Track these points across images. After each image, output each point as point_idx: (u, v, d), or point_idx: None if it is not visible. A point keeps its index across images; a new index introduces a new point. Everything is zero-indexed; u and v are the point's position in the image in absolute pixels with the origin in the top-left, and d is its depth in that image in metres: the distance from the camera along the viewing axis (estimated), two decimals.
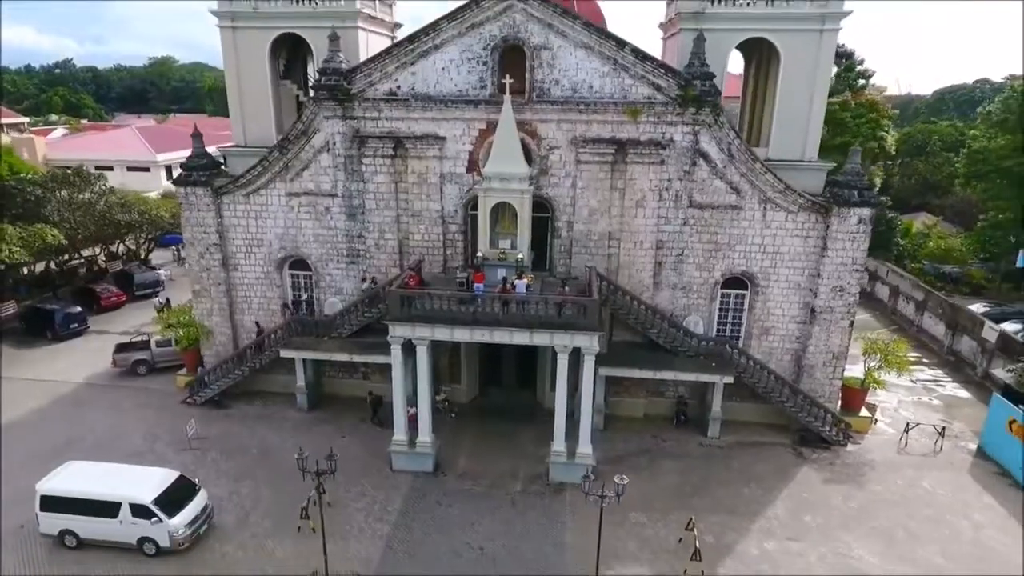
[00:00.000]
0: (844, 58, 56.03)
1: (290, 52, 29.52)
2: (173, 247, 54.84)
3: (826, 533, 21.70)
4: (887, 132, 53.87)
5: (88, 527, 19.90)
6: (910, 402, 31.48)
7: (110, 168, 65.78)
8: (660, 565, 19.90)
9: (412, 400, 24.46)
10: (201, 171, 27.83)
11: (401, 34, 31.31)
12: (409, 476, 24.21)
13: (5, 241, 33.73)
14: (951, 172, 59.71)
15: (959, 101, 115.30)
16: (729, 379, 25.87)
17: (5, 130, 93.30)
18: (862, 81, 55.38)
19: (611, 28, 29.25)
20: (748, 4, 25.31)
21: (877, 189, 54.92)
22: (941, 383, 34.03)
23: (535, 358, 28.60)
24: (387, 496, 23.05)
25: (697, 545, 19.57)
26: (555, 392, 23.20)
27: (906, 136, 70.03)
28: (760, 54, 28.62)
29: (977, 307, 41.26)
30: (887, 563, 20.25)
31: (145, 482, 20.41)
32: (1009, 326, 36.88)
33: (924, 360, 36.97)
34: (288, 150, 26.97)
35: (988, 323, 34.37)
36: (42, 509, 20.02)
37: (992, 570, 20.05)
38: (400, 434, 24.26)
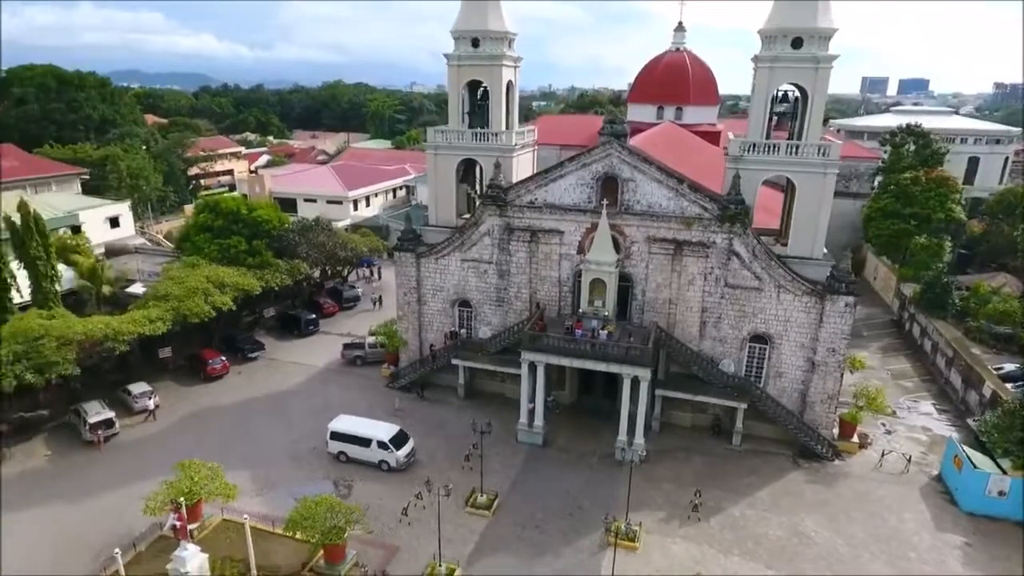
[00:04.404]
0: (920, 136, 63.79)
1: (466, 165, 44.87)
2: (362, 267, 73.05)
3: (791, 510, 33.48)
4: (955, 204, 60.98)
5: (353, 451, 36.29)
6: (904, 437, 41.35)
7: (314, 200, 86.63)
8: (672, 512, 32.88)
9: (531, 398, 38.77)
10: (409, 242, 44.00)
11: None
12: (526, 446, 38.71)
13: (278, 271, 52.25)
14: None
15: None
16: (744, 405, 37.97)
17: (228, 159, 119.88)
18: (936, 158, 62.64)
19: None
20: (774, 152, 37.15)
21: (947, 254, 61.96)
22: (940, 424, 43.23)
23: (616, 378, 41.88)
24: (513, 455, 37.72)
25: (698, 503, 32.20)
26: (623, 402, 36.71)
27: (1000, 197, 74.67)
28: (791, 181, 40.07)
29: (1007, 367, 48.85)
30: (821, 529, 31.87)
31: (383, 429, 36.54)
32: None
33: (938, 406, 45.99)
34: (464, 233, 42.43)
35: (988, 381, 43.03)
36: (330, 439, 36.67)
37: (892, 543, 31.01)
38: (523, 419, 38.83)
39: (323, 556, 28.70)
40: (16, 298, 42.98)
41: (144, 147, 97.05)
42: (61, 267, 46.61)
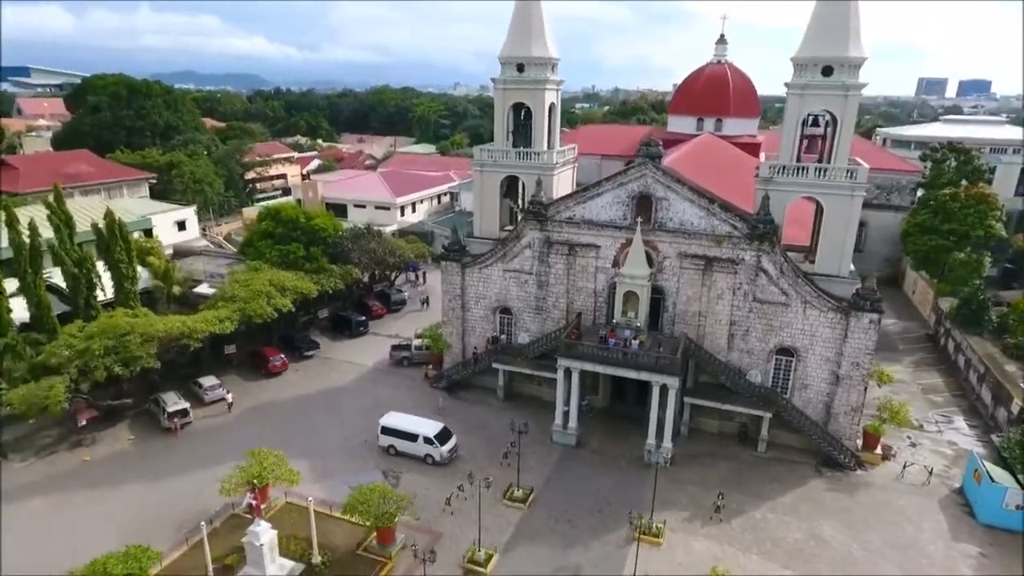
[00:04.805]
0: (962, 153, 63.95)
1: (510, 181, 47.76)
2: (408, 272, 76.69)
3: (810, 516, 35.31)
4: (996, 221, 61.04)
5: (401, 444, 39.59)
6: (928, 450, 42.50)
7: (363, 206, 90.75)
8: (696, 513, 35.10)
9: (566, 402, 41.36)
10: (455, 252, 47.14)
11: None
12: (560, 446, 41.37)
13: (332, 275, 56.08)
14: None
15: None
16: (770, 414, 39.84)
17: (282, 163, 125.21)
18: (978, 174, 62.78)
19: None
20: (802, 174, 38.93)
21: (987, 270, 61.99)
22: (968, 439, 44.15)
23: (647, 385, 44.18)
24: (548, 454, 40.43)
25: (721, 505, 34.46)
26: (652, 408, 39.06)
27: None
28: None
29: None
30: (838, 535, 33.65)
31: (429, 425, 39.75)
32: None
33: (968, 422, 46.81)
34: (506, 245, 45.33)
35: (1016, 398, 43.80)
36: (381, 433, 40.05)
37: (907, 551, 32.61)
38: (558, 421, 41.51)
39: (375, 538, 31.98)
40: (100, 296, 47.71)
41: (205, 152, 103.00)
42: (138, 268, 51.25)
